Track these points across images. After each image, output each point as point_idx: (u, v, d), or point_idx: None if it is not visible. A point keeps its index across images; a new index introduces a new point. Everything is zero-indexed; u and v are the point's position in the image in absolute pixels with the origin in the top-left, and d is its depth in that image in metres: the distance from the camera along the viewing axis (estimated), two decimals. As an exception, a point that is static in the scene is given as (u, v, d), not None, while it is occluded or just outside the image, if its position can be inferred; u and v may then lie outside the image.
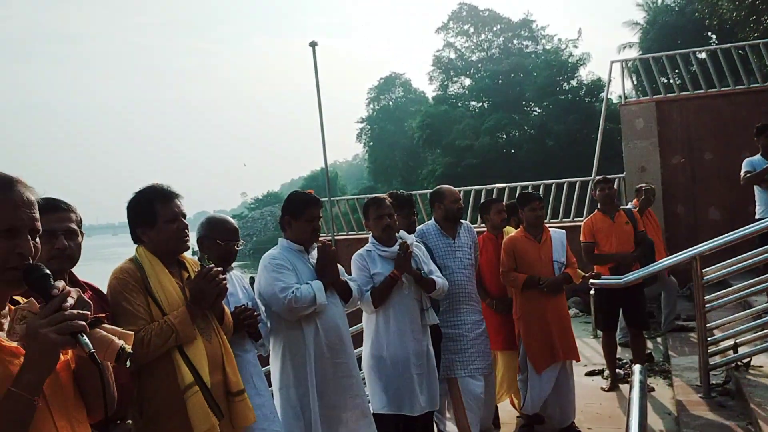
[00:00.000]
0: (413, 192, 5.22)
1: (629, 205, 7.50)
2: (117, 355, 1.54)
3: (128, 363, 1.57)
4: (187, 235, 2.87)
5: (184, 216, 2.86)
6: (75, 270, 2.58)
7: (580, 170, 16.85)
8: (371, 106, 57.33)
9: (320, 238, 3.83)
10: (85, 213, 2.63)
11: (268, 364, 3.77)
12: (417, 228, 4.84)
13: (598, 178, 6.56)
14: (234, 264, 3.51)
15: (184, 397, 2.62)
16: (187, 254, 2.97)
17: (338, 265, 3.81)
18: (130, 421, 2.68)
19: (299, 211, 3.72)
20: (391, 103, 57.10)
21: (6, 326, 1.59)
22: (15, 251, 1.52)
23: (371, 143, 54.97)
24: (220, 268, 2.84)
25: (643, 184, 7.80)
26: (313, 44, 13.77)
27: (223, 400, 2.76)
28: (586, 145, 26.90)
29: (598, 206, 6.28)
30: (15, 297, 1.67)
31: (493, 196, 13.62)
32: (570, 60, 39.04)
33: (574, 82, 37.98)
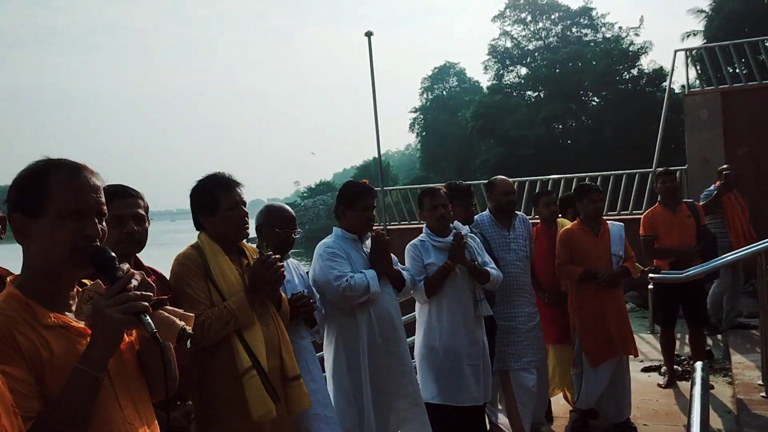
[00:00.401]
0: (471, 182, 5.18)
1: (711, 188, 7.30)
2: (178, 336, 1.60)
3: (188, 343, 1.62)
4: (247, 223, 2.94)
5: (244, 204, 2.93)
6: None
7: (639, 162, 16.42)
8: (425, 95, 57.07)
9: (373, 228, 3.86)
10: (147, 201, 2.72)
11: (322, 351, 3.83)
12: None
13: (659, 170, 6.38)
14: (290, 252, 3.56)
15: (242, 380, 2.68)
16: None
17: (391, 254, 3.84)
18: (190, 402, 2.76)
19: (354, 200, 3.76)
20: (444, 92, 56.72)
21: (74, 307, 1.67)
22: (83, 233, 1.59)
23: (424, 133, 54.75)
24: (278, 256, 2.90)
25: (725, 166, 7.56)
26: (368, 34, 13.80)
27: (280, 385, 2.83)
28: (645, 136, 26.15)
29: (659, 199, 6.12)
30: (82, 280, 1.75)
31: (548, 188, 13.43)
32: (631, 48, 37.93)
33: (634, 72, 36.93)
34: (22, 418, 1.42)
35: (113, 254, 1.61)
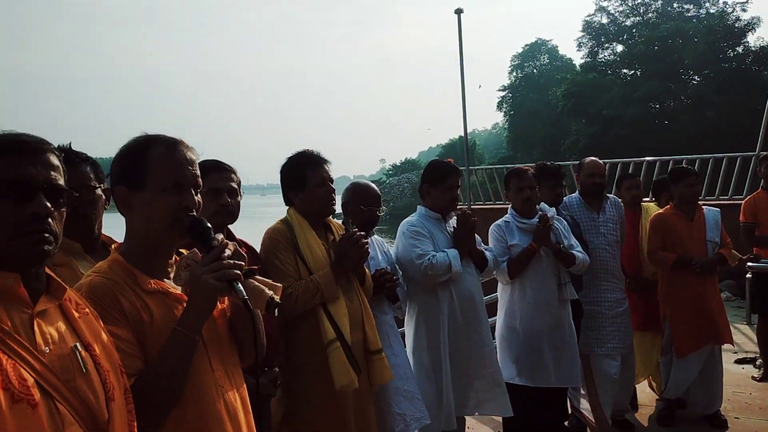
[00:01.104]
0: (560, 163, 5.05)
1: None
2: (267, 304, 1.67)
3: (276, 312, 1.69)
4: (334, 199, 3.02)
5: (332, 181, 3.02)
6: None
7: (741, 145, 15.48)
8: (514, 73, 55.83)
9: (458, 207, 3.86)
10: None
11: (404, 327, 3.89)
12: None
13: (764, 154, 6.02)
14: (374, 229, 3.62)
15: (326, 351, 2.78)
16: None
17: (475, 234, 3.83)
18: (276, 369, 2.89)
19: (439, 179, 3.77)
20: (535, 70, 55.26)
21: (172, 274, 1.78)
22: (181, 205, 1.69)
23: (512, 112, 53.67)
24: (362, 233, 2.97)
25: None
26: (458, 11, 13.64)
27: (362, 358, 2.91)
28: (750, 118, 24.54)
29: (762, 184, 5.78)
30: (179, 249, 1.86)
31: (642, 170, 12.92)
32: (737, 25, 35.55)
33: (740, 49, 34.61)
34: (126, 375, 1.54)
35: (209, 225, 1.70)
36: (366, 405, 2.97)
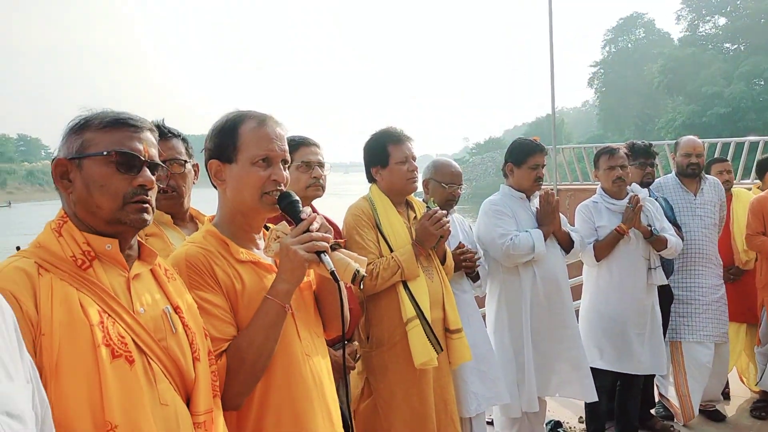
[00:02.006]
0: (653, 142, 4.83)
1: None
2: (353, 277, 1.71)
3: (361, 285, 1.75)
4: (416, 177, 3.02)
5: (414, 158, 3.02)
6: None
7: None
8: (607, 48, 53.79)
9: (542, 187, 3.78)
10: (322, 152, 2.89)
11: (485, 306, 3.86)
12: (655, 181, 4.52)
13: None
14: (455, 207, 3.60)
15: (406, 328, 2.80)
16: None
17: (560, 214, 3.74)
18: (356, 343, 2.94)
19: (522, 158, 3.69)
20: (630, 45, 53.02)
21: (262, 245, 1.85)
22: (270, 179, 1.76)
23: (603, 89, 51.84)
24: (444, 211, 2.96)
25: None
26: (548, -16, 13.18)
27: (442, 336, 2.92)
28: None
29: None
30: (267, 222, 1.92)
31: (744, 150, 12.20)
32: None
33: None
34: (219, 340, 1.64)
35: (297, 198, 1.77)
36: (445, 384, 2.98)
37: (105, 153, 1.38)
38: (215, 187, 1.85)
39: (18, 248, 1.41)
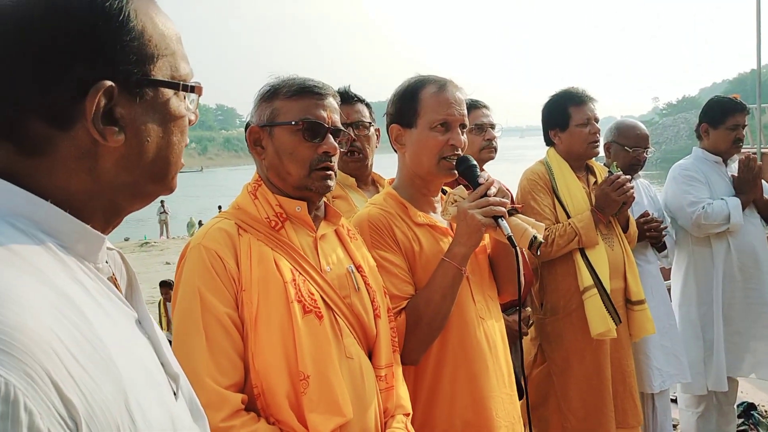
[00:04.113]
0: None
1: None
2: (530, 243, 1.71)
3: (538, 251, 1.75)
4: (598, 140, 2.90)
5: (597, 120, 2.89)
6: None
7: None
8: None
9: (742, 150, 3.45)
10: (495, 115, 2.89)
11: (669, 279, 3.63)
12: None
13: None
14: (640, 172, 3.40)
15: (582, 297, 2.72)
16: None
17: (763, 181, 3.39)
18: (529, 309, 2.91)
19: (720, 118, 3.40)
20: None
21: (439, 209, 1.90)
22: (448, 143, 1.80)
23: (822, 38, 45.30)
24: (627, 176, 2.82)
25: None
26: None
27: (622, 307, 2.81)
28: None
29: None
30: (444, 185, 1.97)
31: None
32: None
33: None
34: (398, 298, 1.73)
35: (474, 162, 1.80)
36: (624, 356, 2.87)
37: (293, 123, 1.48)
38: (395, 150, 1.92)
39: (219, 207, 1.59)
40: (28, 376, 0.57)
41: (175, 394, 0.80)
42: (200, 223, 22.26)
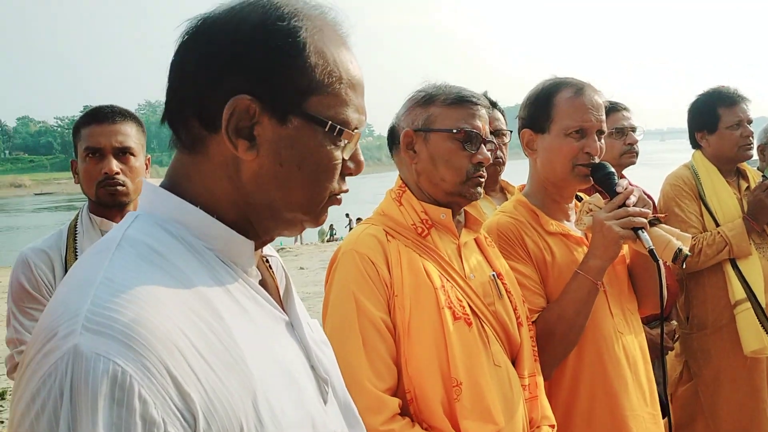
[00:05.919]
0: None
1: None
2: (674, 255, 1.60)
3: (683, 264, 1.63)
4: (751, 143, 2.70)
5: (749, 122, 2.70)
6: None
7: None
8: None
9: None
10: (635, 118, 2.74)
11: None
12: None
13: None
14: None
15: (734, 311, 2.55)
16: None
17: None
18: (674, 322, 2.75)
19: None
20: None
21: (573, 217, 1.83)
22: (583, 150, 1.72)
23: None
24: (784, 181, 2.59)
25: None
26: None
27: (779, 322, 2.57)
28: None
29: None
30: (578, 193, 1.89)
31: None
32: None
33: None
34: (529, 311, 1.67)
35: (612, 170, 1.71)
36: (782, 376, 2.62)
37: (454, 131, 1.49)
38: (527, 156, 1.87)
39: (347, 215, 1.63)
40: (146, 368, 0.61)
41: (324, 398, 0.82)
42: (331, 229, 23.09)
